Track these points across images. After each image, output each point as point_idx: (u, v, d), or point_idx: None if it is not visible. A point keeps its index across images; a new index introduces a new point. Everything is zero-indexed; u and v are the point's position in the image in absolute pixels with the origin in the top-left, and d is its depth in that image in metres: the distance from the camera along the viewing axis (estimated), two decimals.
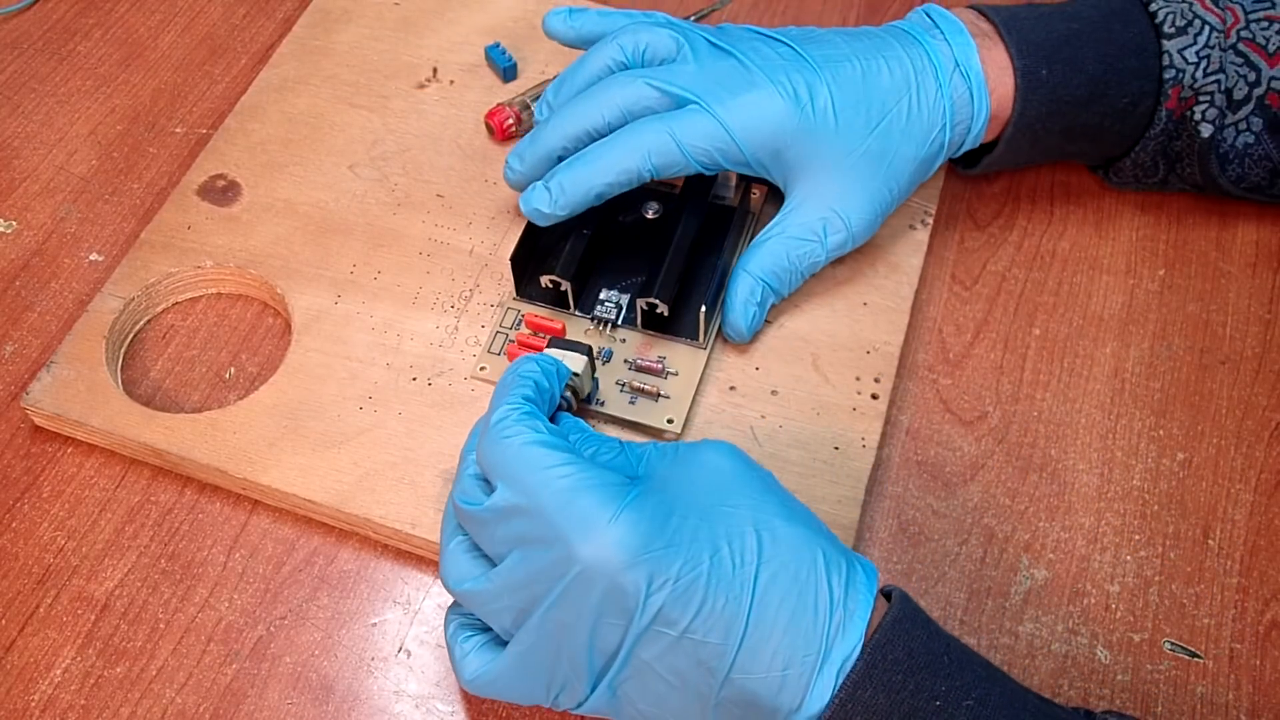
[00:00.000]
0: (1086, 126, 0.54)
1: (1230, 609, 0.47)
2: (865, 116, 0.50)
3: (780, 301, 0.52)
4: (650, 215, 0.54)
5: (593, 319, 0.51)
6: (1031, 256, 0.57)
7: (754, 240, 0.51)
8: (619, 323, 0.51)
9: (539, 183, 0.50)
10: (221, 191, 0.57)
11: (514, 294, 0.52)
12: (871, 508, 0.49)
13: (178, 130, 0.61)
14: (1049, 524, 0.49)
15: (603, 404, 0.49)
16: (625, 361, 0.50)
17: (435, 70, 0.61)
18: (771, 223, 0.51)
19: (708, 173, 0.50)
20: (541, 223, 0.50)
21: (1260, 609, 0.47)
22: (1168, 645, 0.46)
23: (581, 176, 0.49)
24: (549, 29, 0.54)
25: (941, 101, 0.51)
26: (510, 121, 0.58)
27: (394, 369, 0.51)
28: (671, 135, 0.48)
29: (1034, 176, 0.60)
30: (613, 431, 0.49)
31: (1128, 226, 0.58)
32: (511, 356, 0.49)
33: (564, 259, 0.50)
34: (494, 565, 0.39)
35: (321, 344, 0.52)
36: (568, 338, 0.50)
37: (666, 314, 0.50)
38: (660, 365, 0.50)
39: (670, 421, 0.49)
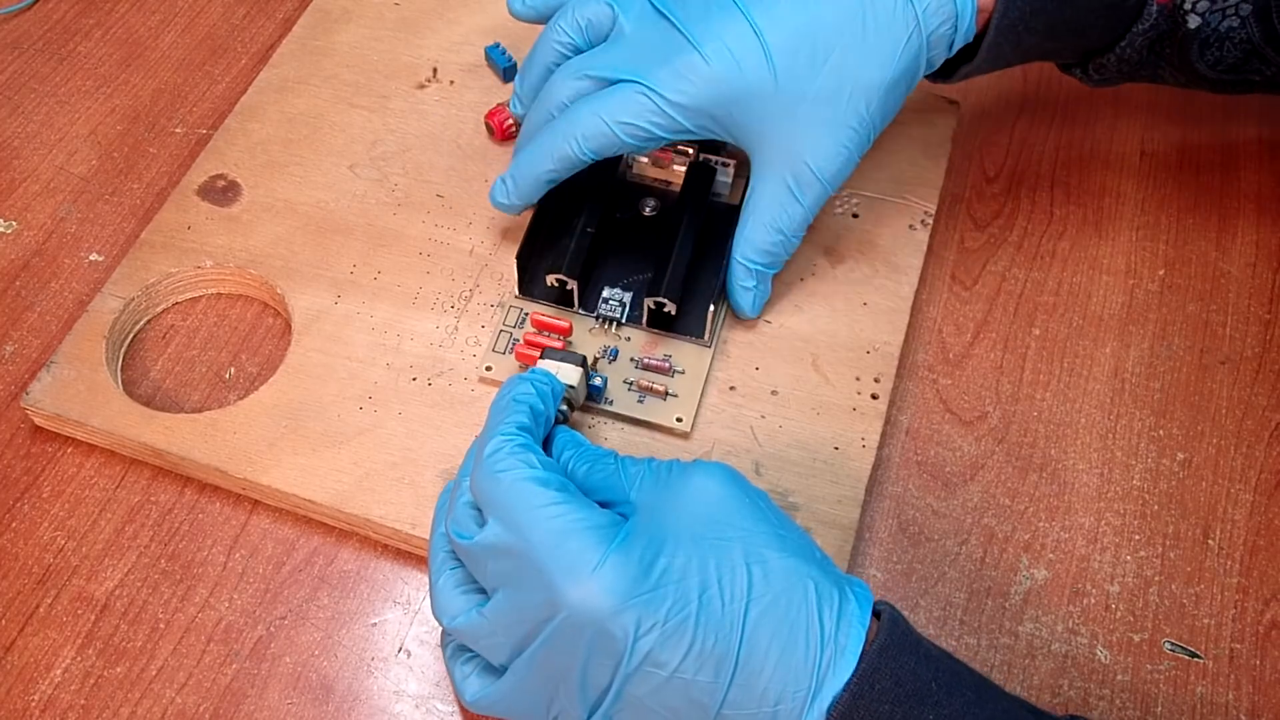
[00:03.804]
0: (1069, 23, 0.51)
1: (1230, 609, 0.47)
2: (809, 55, 0.47)
3: (783, 268, 0.52)
4: (647, 212, 0.54)
5: (597, 317, 0.51)
6: (1031, 256, 0.57)
7: (739, 218, 0.50)
8: (623, 321, 0.51)
9: (500, 177, 0.51)
10: (221, 191, 0.57)
11: (516, 292, 0.52)
12: (871, 508, 0.49)
13: (178, 130, 0.61)
14: (1049, 524, 0.49)
15: (611, 403, 0.49)
16: (631, 360, 0.50)
17: (435, 70, 0.61)
18: (747, 194, 0.50)
19: (649, 148, 0.50)
20: (510, 213, 0.52)
21: (1260, 609, 0.47)
22: (1168, 645, 0.46)
23: (526, 168, 0.50)
24: (512, 10, 0.54)
25: (907, 12, 0.47)
26: (510, 122, 0.58)
27: (394, 369, 0.51)
28: (599, 117, 0.48)
29: (1034, 176, 0.60)
30: (623, 429, 0.49)
31: (1128, 226, 0.58)
32: (519, 357, 0.49)
33: (569, 257, 0.50)
34: (485, 598, 0.39)
35: (321, 344, 0.52)
36: (570, 339, 0.51)
37: (674, 313, 0.50)
38: (668, 364, 0.50)
39: (680, 420, 0.49)
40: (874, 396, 0.50)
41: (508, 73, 0.60)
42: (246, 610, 0.46)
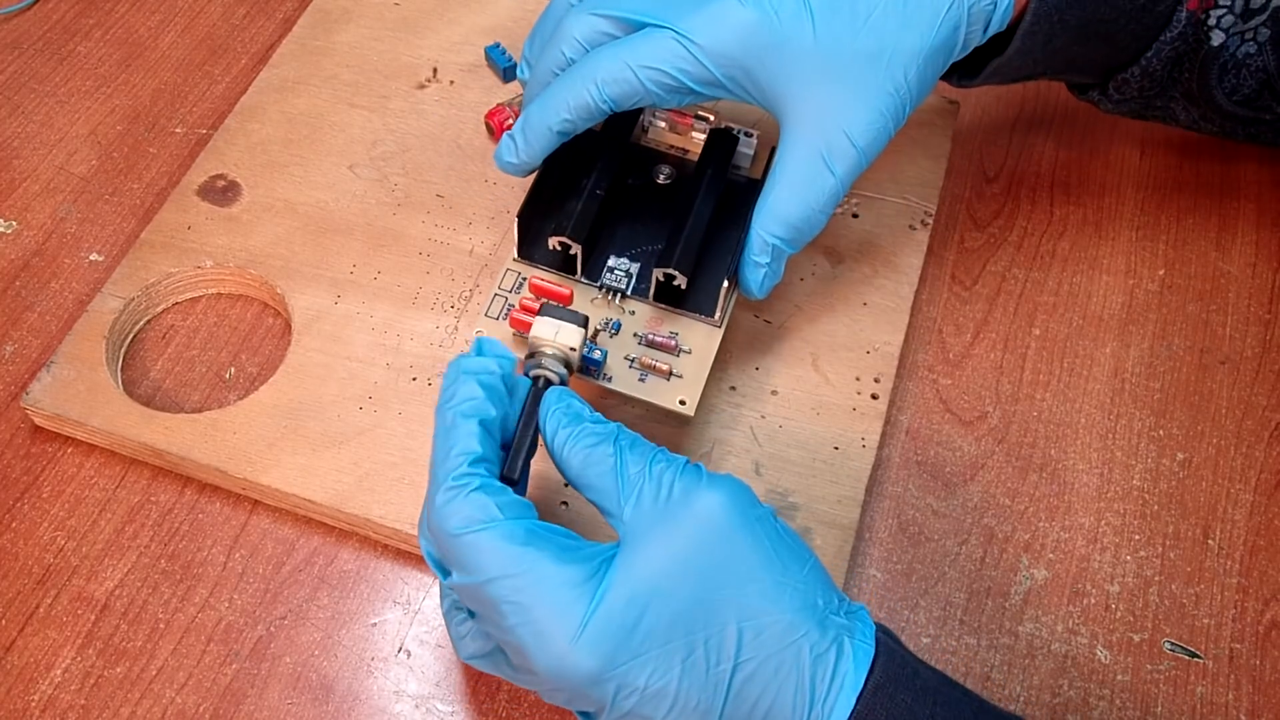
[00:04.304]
0: (1103, 22, 0.49)
1: (1230, 609, 0.47)
2: (850, 12, 0.44)
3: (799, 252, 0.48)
4: (661, 180, 0.51)
5: (601, 287, 0.49)
6: (1031, 256, 0.57)
7: (763, 188, 0.46)
8: (629, 293, 0.49)
9: (506, 134, 0.48)
10: (221, 191, 0.57)
11: (515, 254, 0.49)
12: (871, 508, 0.49)
13: (178, 130, 0.61)
14: (1049, 524, 0.49)
15: (610, 380, 0.47)
16: (635, 335, 0.48)
17: (435, 70, 0.61)
18: (773, 162, 0.46)
19: (674, 101, 0.46)
20: (517, 174, 0.48)
21: (1260, 609, 0.47)
22: (1168, 645, 0.46)
23: (537, 118, 0.46)
24: None
25: None
26: (510, 121, 0.58)
27: (394, 369, 0.51)
28: (624, 61, 0.44)
29: (1034, 176, 0.60)
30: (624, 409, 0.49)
31: (1128, 226, 0.58)
32: (514, 324, 0.47)
33: (575, 220, 0.47)
34: None
35: (321, 344, 0.52)
36: (571, 306, 0.48)
37: (684, 287, 0.47)
38: (674, 342, 0.47)
39: (683, 403, 0.46)
40: (874, 396, 0.50)
41: (508, 73, 0.60)
42: (246, 610, 0.46)
